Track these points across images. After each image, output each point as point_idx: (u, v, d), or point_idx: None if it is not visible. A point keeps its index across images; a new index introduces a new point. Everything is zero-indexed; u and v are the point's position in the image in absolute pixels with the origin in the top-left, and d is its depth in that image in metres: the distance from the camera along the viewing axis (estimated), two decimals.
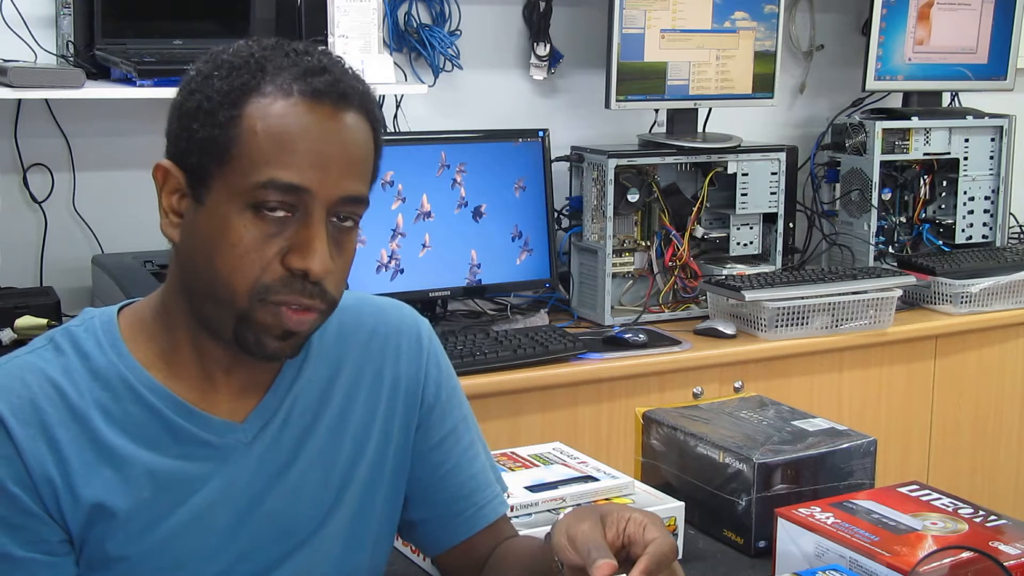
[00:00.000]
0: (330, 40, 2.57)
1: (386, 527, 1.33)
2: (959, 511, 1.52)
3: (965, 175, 3.41)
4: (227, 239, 1.11)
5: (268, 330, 1.14)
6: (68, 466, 1.13)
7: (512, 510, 1.52)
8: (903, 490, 1.59)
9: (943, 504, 1.55)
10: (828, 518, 1.48)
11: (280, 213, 1.11)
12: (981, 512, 1.52)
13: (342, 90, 1.13)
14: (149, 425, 1.17)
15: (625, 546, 1.12)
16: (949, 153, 3.39)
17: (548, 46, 3.12)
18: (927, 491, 1.58)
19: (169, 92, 2.27)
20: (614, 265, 2.96)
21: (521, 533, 1.42)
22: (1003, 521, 1.50)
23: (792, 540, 1.49)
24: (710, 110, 3.22)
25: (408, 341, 1.33)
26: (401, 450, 1.32)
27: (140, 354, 1.19)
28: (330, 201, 1.13)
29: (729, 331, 2.84)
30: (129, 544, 1.15)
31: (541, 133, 2.94)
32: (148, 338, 1.20)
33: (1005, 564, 1.35)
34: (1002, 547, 1.40)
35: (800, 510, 1.51)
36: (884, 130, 3.28)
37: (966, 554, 1.36)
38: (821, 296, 2.90)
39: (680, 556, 1.59)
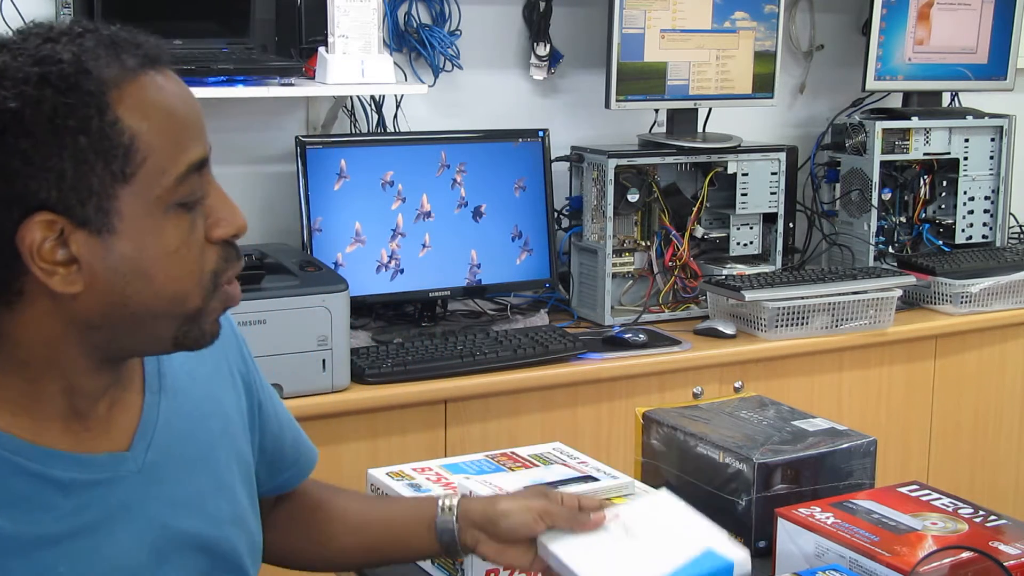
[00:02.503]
0: (330, 40, 2.57)
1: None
2: (959, 511, 1.52)
3: (965, 175, 3.41)
4: (162, 249, 1.02)
5: (215, 314, 1.09)
6: None
7: None
8: (903, 490, 1.59)
9: (943, 504, 1.55)
10: (828, 518, 1.48)
11: (199, 194, 1.04)
12: (981, 512, 1.52)
13: (163, 49, 1.05)
14: (38, 493, 1.04)
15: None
16: (949, 153, 3.39)
17: (548, 46, 3.12)
18: (927, 491, 1.58)
19: None
20: (614, 265, 2.96)
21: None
22: (1003, 521, 1.50)
23: (792, 540, 1.49)
24: (710, 110, 3.22)
25: (225, 332, 1.24)
26: (249, 438, 1.30)
27: None
28: (208, 157, 1.07)
29: (729, 331, 2.84)
30: None
31: (541, 133, 2.94)
32: None
33: (1005, 564, 1.35)
34: (1002, 547, 1.40)
35: (800, 510, 1.51)
36: (884, 130, 3.28)
37: (966, 554, 1.37)
38: (821, 296, 2.90)
39: None
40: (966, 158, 3.40)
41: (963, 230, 3.43)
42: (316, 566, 1.44)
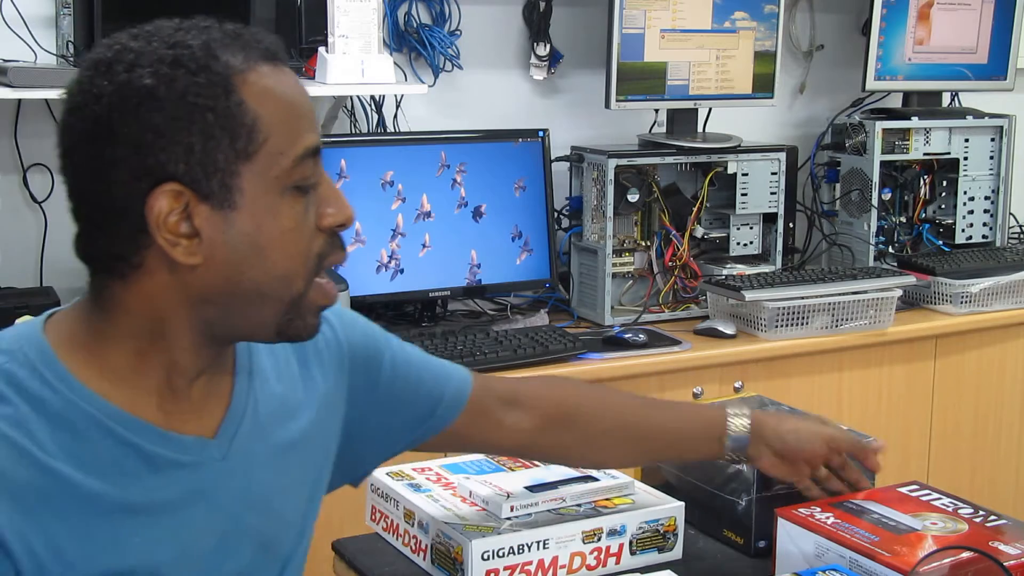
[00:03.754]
0: (330, 40, 2.57)
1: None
2: (959, 511, 1.52)
3: (965, 175, 3.41)
4: (279, 228, 1.07)
5: (314, 309, 1.12)
6: (55, 538, 1.02)
7: (512, 510, 1.52)
8: (903, 490, 1.59)
9: (943, 504, 1.55)
10: (828, 518, 1.48)
11: (312, 180, 1.09)
12: (981, 512, 1.52)
13: (280, 49, 1.11)
14: (126, 460, 1.07)
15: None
16: (949, 153, 3.39)
17: (548, 46, 3.12)
18: (927, 491, 1.58)
19: None
20: (614, 265, 2.96)
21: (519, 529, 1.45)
22: (1003, 521, 1.50)
23: (792, 540, 1.49)
24: (710, 110, 3.22)
25: (323, 328, 1.26)
26: (337, 435, 1.32)
27: (93, 382, 1.07)
28: (320, 148, 1.12)
29: (729, 331, 2.84)
30: None
31: (541, 133, 2.94)
32: (96, 361, 1.09)
33: (1005, 564, 1.35)
34: (1002, 547, 1.40)
35: (800, 510, 1.51)
36: (884, 130, 3.28)
37: (966, 554, 1.36)
38: (821, 296, 2.90)
39: (680, 556, 1.60)
40: (966, 158, 3.40)
41: (963, 230, 3.43)
42: (584, 463, 1.59)
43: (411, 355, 1.40)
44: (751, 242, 3.13)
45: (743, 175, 3.07)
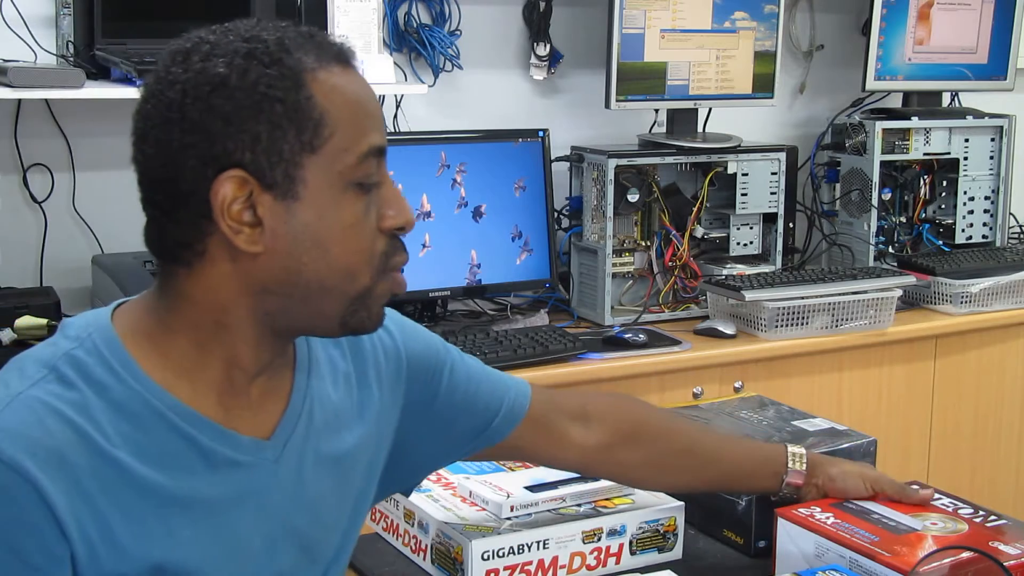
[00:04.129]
0: None
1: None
2: (959, 511, 1.52)
3: (965, 175, 3.41)
4: (340, 223, 1.08)
5: (381, 300, 1.14)
6: (109, 524, 1.03)
7: (512, 510, 1.52)
8: None
9: (943, 504, 1.55)
10: (828, 518, 1.48)
11: (375, 179, 1.11)
12: (981, 512, 1.52)
13: (351, 53, 1.14)
14: (183, 453, 1.09)
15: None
16: (949, 153, 3.39)
17: (548, 46, 3.12)
18: (927, 491, 1.58)
19: None
20: (614, 265, 2.96)
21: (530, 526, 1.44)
22: (1003, 521, 1.50)
23: (792, 540, 1.49)
24: (710, 110, 3.22)
25: (379, 337, 1.30)
26: (389, 443, 1.32)
27: (157, 373, 1.09)
28: (385, 149, 1.14)
29: (729, 331, 2.84)
30: None
31: (541, 133, 2.94)
32: (160, 352, 1.10)
33: (1005, 564, 1.35)
34: (1002, 547, 1.40)
35: (800, 510, 1.51)
36: (884, 130, 3.28)
37: (966, 554, 1.36)
38: (821, 296, 2.90)
39: (680, 556, 1.60)
40: (966, 158, 3.41)
41: (963, 230, 3.43)
42: (644, 485, 1.59)
43: (471, 367, 1.40)
44: (751, 242, 3.13)
45: (743, 175, 3.07)
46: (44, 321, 2.31)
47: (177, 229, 1.08)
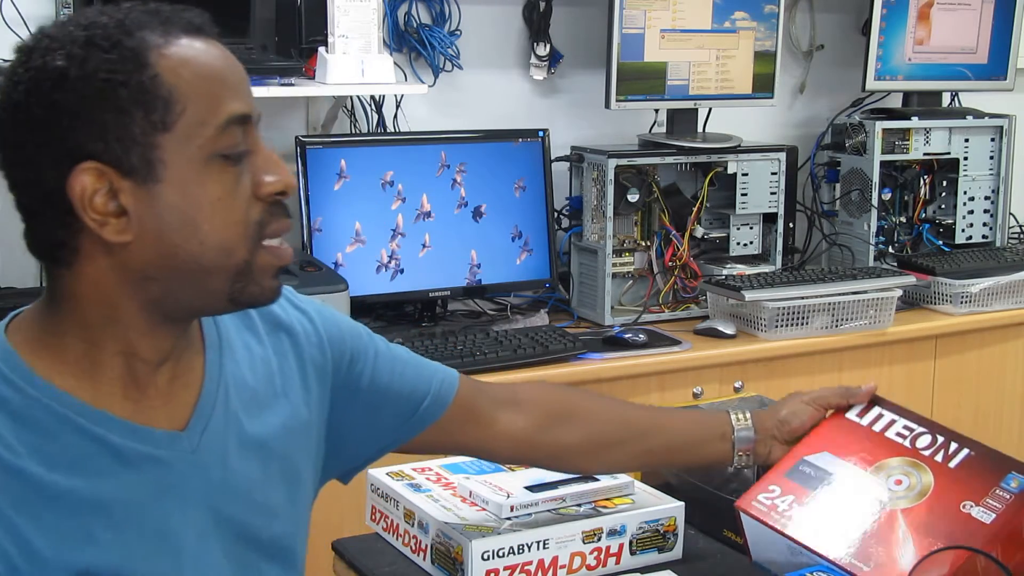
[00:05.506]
0: (330, 40, 2.57)
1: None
2: (917, 443, 1.45)
3: (965, 175, 3.41)
4: (207, 198, 1.06)
5: (267, 272, 1.12)
6: (25, 537, 1.02)
7: (512, 510, 1.52)
8: (853, 418, 1.51)
9: (898, 435, 1.47)
10: (791, 504, 1.42)
11: (242, 148, 1.08)
12: (940, 439, 1.45)
13: (204, 21, 1.11)
14: (94, 455, 1.07)
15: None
16: (949, 153, 3.39)
17: (548, 46, 3.12)
18: (878, 412, 1.51)
19: None
20: (614, 265, 2.96)
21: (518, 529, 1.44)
22: (965, 453, 1.44)
23: (762, 539, 1.44)
24: (710, 110, 3.22)
25: (299, 322, 1.30)
26: (320, 428, 1.31)
27: (56, 378, 1.08)
28: (256, 120, 1.11)
29: (729, 331, 2.84)
30: None
31: (541, 133, 2.94)
32: (56, 357, 1.09)
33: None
34: (974, 511, 1.35)
35: (760, 498, 1.44)
36: (884, 130, 3.28)
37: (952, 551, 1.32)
38: (821, 296, 2.90)
39: (680, 556, 1.59)
40: (966, 158, 3.41)
41: (963, 230, 3.43)
42: (584, 466, 1.55)
43: (397, 352, 1.40)
44: (751, 242, 3.13)
45: (743, 175, 3.07)
46: None
47: (49, 230, 1.07)
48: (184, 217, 1.06)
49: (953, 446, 1.44)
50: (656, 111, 3.21)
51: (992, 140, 3.44)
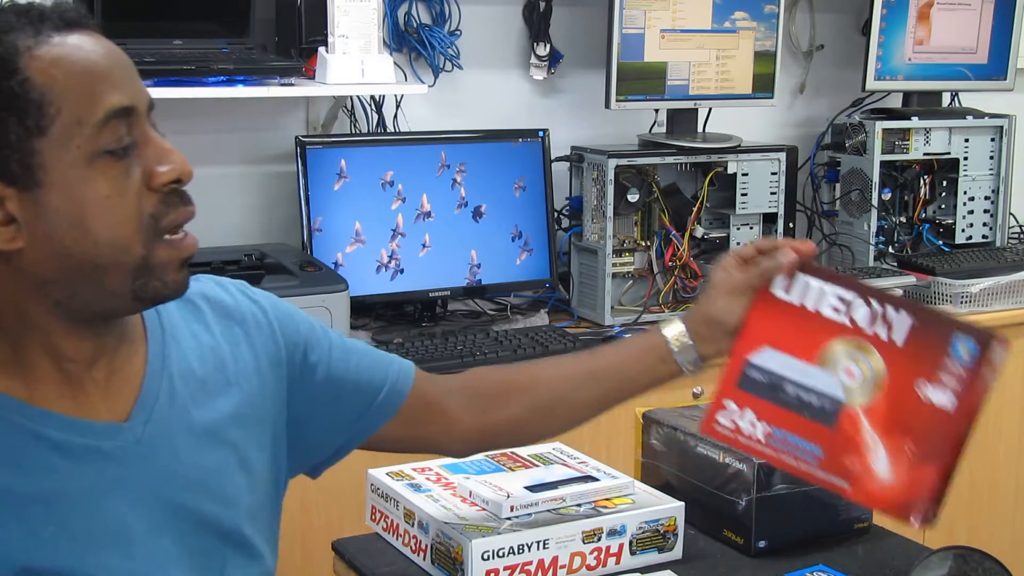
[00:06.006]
0: (330, 40, 2.57)
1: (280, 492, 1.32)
2: (856, 317, 1.33)
3: (965, 175, 3.41)
4: (95, 196, 1.05)
5: (169, 266, 1.10)
6: None
7: (512, 510, 1.52)
8: (782, 295, 1.38)
9: (834, 309, 1.34)
10: (752, 423, 1.36)
11: (127, 141, 1.06)
12: (876, 306, 1.33)
13: (79, 15, 1.09)
14: (33, 451, 1.08)
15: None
16: (949, 153, 3.39)
17: (548, 46, 3.12)
18: (805, 283, 1.37)
19: (170, 92, 2.28)
20: (614, 265, 2.96)
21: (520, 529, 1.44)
22: (906, 322, 1.32)
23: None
24: (710, 110, 3.22)
25: (251, 313, 1.30)
26: (279, 419, 1.31)
27: None
28: (145, 110, 1.09)
29: None
30: None
31: (541, 133, 2.94)
32: None
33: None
34: (930, 390, 1.31)
35: (720, 419, 1.39)
36: (884, 130, 3.28)
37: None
38: None
39: (680, 556, 1.59)
40: (966, 158, 3.40)
41: (963, 230, 3.43)
42: (543, 431, 1.52)
43: (351, 344, 1.40)
44: (751, 242, 3.12)
45: (743, 175, 3.07)
46: None
47: None
48: (72, 219, 1.05)
49: (892, 313, 1.32)
50: (656, 111, 3.21)
51: (992, 140, 3.44)
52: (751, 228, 3.13)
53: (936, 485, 1.27)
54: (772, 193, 3.11)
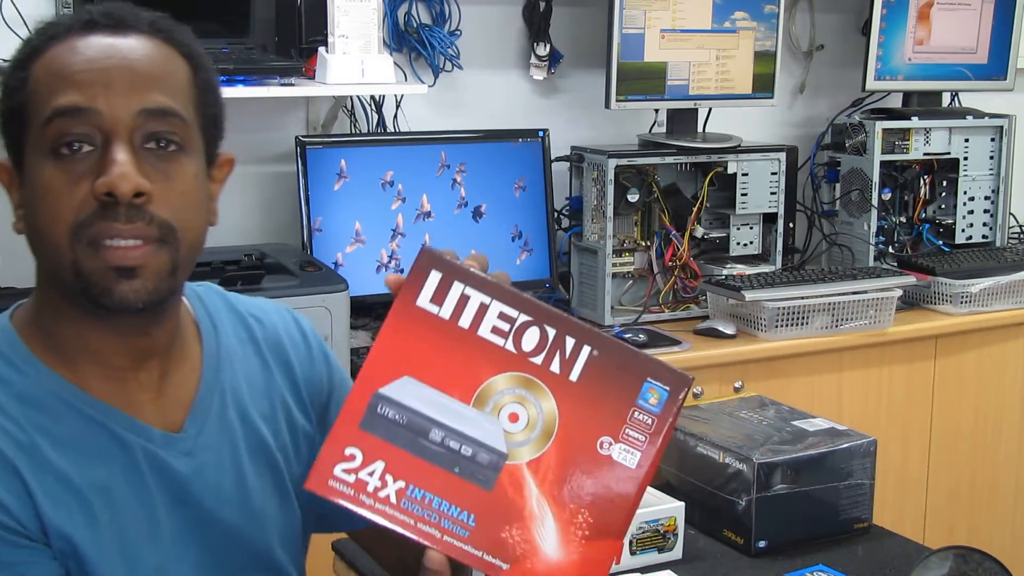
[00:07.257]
0: (330, 40, 2.57)
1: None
2: (523, 343, 1.05)
3: (965, 175, 3.41)
4: (40, 192, 1.08)
5: (99, 274, 1.07)
6: (32, 494, 1.06)
7: None
8: (428, 306, 1.07)
9: (496, 331, 1.06)
10: (383, 477, 1.03)
11: (84, 148, 1.06)
12: (549, 331, 1.06)
13: (119, 16, 1.10)
14: (98, 440, 1.11)
15: None
16: (949, 153, 3.39)
17: (548, 46, 3.12)
18: (460, 292, 1.07)
19: None
20: (614, 265, 2.96)
21: None
22: (585, 353, 1.05)
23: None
24: (710, 110, 3.22)
25: (293, 343, 1.30)
26: (311, 455, 1.28)
27: (60, 367, 1.12)
28: (128, 118, 1.07)
29: (729, 331, 2.84)
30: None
31: (541, 133, 2.94)
32: (52, 341, 1.13)
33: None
34: (612, 448, 1.06)
35: (339, 472, 1.03)
36: (884, 130, 3.28)
37: None
38: (821, 296, 2.90)
39: (680, 556, 1.60)
40: (966, 158, 3.41)
41: (963, 230, 3.43)
42: None
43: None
44: (751, 242, 3.13)
45: (743, 175, 3.07)
46: None
47: None
48: (31, 210, 1.10)
49: (569, 342, 1.05)
50: (656, 111, 3.21)
51: (992, 140, 3.44)
52: (751, 228, 3.13)
53: (610, 564, 1.04)
54: (772, 193, 3.11)
